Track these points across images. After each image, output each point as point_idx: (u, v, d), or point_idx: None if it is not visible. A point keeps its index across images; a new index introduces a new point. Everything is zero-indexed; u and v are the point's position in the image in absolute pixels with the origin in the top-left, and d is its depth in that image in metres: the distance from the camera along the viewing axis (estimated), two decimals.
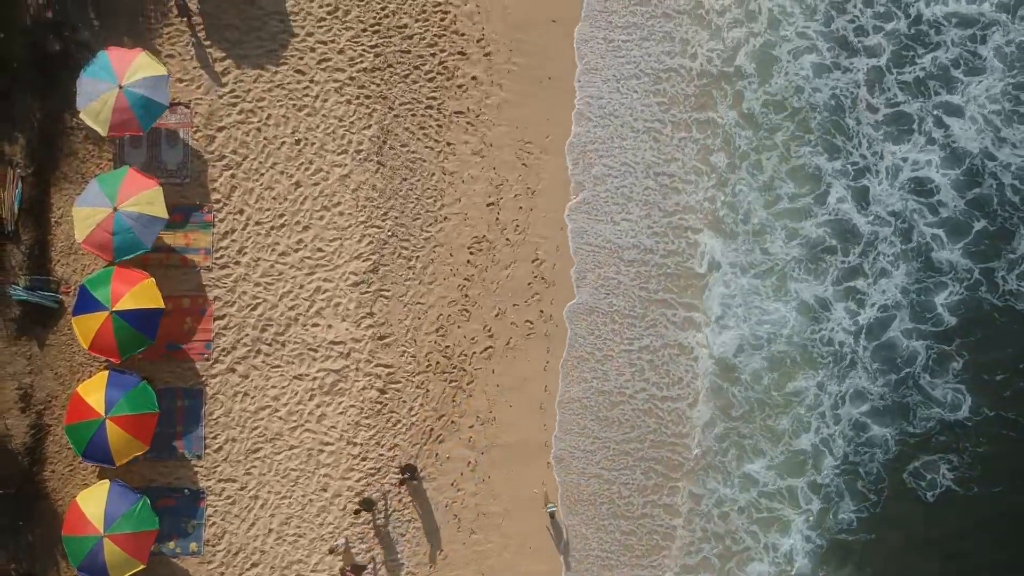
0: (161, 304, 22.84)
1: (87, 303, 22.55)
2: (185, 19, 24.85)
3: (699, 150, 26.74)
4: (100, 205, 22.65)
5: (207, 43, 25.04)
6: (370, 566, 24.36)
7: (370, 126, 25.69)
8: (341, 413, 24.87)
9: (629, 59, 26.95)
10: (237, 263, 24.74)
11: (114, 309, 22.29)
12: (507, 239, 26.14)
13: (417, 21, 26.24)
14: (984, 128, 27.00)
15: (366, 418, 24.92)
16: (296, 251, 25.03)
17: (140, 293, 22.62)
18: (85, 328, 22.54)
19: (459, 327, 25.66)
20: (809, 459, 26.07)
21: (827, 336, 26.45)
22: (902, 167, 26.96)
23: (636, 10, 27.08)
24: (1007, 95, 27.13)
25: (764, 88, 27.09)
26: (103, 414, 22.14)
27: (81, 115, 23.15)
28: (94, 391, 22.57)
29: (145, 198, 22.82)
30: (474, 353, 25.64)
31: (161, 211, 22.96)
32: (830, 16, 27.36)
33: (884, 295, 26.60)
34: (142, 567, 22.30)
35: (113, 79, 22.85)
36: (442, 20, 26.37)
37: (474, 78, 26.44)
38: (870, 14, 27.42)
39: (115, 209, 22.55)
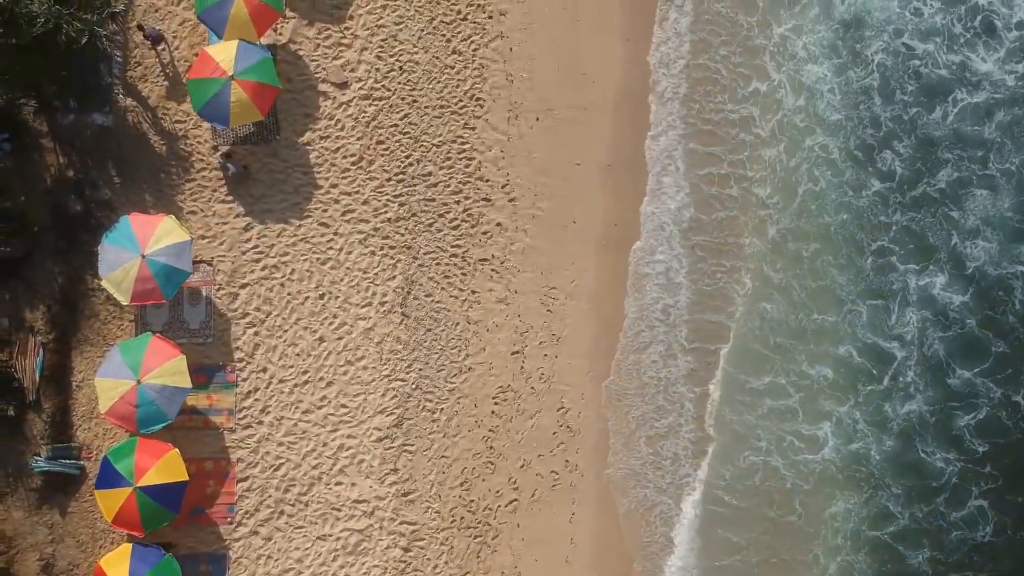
0: (185, 477, 22.47)
1: (110, 477, 22.17)
2: (233, 175, 24.75)
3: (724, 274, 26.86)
4: (123, 377, 22.28)
5: (230, 199, 24.78)
6: None
7: (394, 277, 25.40)
8: (365, 573, 24.50)
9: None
10: (260, 423, 24.41)
11: (138, 485, 21.91)
12: (532, 388, 25.83)
13: (442, 168, 25.97)
14: (996, 246, 26.92)
15: None
16: (319, 408, 24.72)
17: (164, 467, 22.26)
18: (108, 502, 22.17)
19: (484, 480, 25.34)
20: None
21: (850, 456, 26.27)
22: (918, 288, 26.81)
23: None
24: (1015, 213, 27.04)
25: (787, 215, 27.05)
26: None
27: (103, 283, 22.82)
28: (117, 565, 22.14)
29: (168, 369, 22.46)
30: (499, 507, 25.32)
31: (185, 381, 22.61)
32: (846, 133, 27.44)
33: (906, 416, 26.38)
34: None
35: (136, 248, 22.52)
36: (467, 167, 26.10)
37: (499, 224, 26.16)
38: (872, 133, 27.38)
39: (139, 382, 22.19)
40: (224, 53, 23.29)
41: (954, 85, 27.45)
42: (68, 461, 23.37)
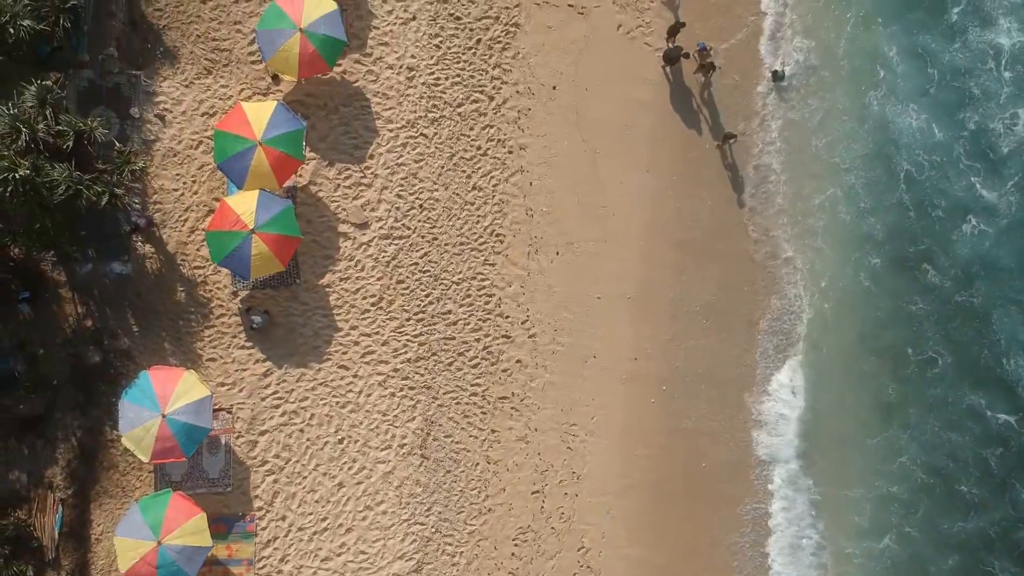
0: None
1: None
2: (258, 326, 24.53)
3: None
4: (143, 537, 21.96)
5: (249, 344, 24.58)
6: None
7: (414, 418, 25.19)
8: None
9: None
10: (280, 572, 24.14)
11: None
12: (552, 527, 25.63)
13: (461, 306, 25.77)
14: None
15: None
16: (339, 555, 24.48)
17: None
18: None
19: None
20: None
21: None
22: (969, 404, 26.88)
23: None
24: None
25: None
26: None
27: (123, 440, 22.52)
28: None
29: (189, 528, 22.19)
30: None
31: (205, 540, 22.32)
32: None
33: (968, 532, 26.49)
34: None
35: (156, 407, 22.26)
36: (486, 304, 25.91)
37: (519, 361, 25.97)
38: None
39: (159, 543, 21.92)
40: (244, 205, 23.09)
41: (971, 203, 27.51)
42: None
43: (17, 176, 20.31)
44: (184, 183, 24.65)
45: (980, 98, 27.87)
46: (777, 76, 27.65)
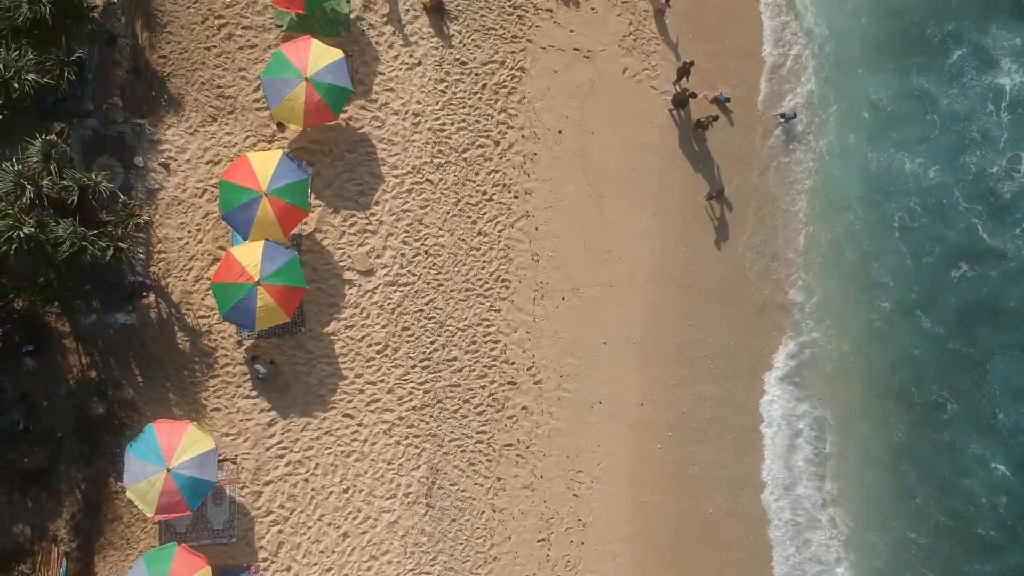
0: None
1: None
2: (263, 376, 24.36)
3: None
4: None
5: (254, 394, 24.42)
6: None
7: (419, 466, 25.03)
8: None
9: None
10: None
11: None
12: None
13: (467, 353, 25.65)
14: None
15: None
16: None
17: None
18: None
19: None
20: None
21: None
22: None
23: None
24: None
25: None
26: None
27: (128, 493, 22.35)
28: None
29: None
30: None
31: None
32: None
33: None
34: None
35: (161, 461, 22.05)
36: (492, 350, 25.79)
37: (524, 408, 25.85)
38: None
39: None
40: (250, 256, 22.92)
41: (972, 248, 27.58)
42: None
43: (22, 234, 20.13)
44: (188, 232, 24.47)
45: (981, 141, 27.90)
46: (783, 119, 27.63)
